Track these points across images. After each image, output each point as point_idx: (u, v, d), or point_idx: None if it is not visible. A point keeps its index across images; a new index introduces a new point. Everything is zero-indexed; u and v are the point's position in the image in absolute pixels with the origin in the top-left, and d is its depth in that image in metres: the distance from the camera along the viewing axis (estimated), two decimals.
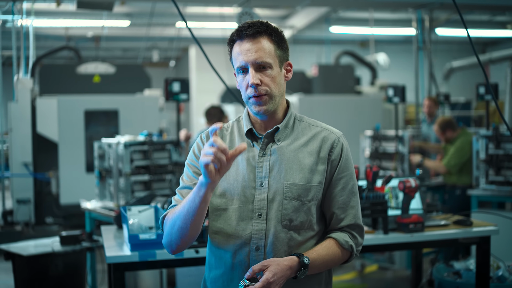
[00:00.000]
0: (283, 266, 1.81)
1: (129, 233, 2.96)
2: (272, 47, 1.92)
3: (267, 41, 1.92)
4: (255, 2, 7.32)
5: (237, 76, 1.97)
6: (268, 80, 1.91)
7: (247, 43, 1.90)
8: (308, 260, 1.85)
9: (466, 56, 12.66)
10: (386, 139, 6.33)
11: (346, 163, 1.98)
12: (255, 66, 1.90)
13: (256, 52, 1.89)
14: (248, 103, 1.94)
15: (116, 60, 13.71)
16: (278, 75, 1.94)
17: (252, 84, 1.88)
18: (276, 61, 1.93)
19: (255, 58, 1.89)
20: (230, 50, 1.97)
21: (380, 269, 6.13)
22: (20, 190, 6.97)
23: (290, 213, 1.91)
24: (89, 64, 7.74)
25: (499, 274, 3.81)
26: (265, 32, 1.92)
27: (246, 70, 1.92)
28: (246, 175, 1.94)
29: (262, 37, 1.91)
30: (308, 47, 13.69)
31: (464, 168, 5.91)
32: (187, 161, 2.05)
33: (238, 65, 1.92)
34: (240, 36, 1.91)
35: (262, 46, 1.90)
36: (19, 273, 4.23)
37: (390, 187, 3.46)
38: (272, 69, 1.92)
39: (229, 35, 1.98)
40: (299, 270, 1.84)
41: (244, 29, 1.91)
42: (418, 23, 9.34)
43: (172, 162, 4.54)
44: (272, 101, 1.92)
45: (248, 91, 1.91)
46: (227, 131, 2.05)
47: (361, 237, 2.01)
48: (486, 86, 5.92)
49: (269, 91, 1.91)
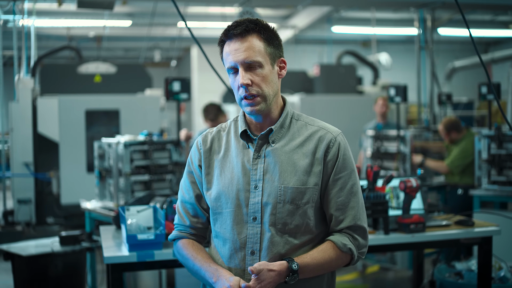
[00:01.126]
0: (270, 272, 1.79)
1: (127, 234, 2.94)
2: (262, 45, 1.87)
3: (256, 39, 1.87)
4: (257, 2, 7.30)
5: (228, 77, 1.94)
6: (259, 79, 1.86)
7: (236, 43, 1.86)
8: (297, 266, 1.81)
9: (469, 56, 12.63)
10: (387, 139, 6.30)
11: (344, 163, 1.92)
12: (245, 66, 1.86)
13: (244, 51, 1.85)
14: (240, 104, 1.91)
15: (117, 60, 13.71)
16: (270, 73, 1.89)
17: (242, 85, 1.85)
18: (267, 59, 1.88)
19: (244, 58, 1.85)
20: (221, 51, 1.94)
21: (382, 270, 6.11)
22: (21, 190, 6.96)
23: (285, 216, 1.87)
24: (90, 64, 7.73)
25: (501, 274, 3.79)
26: (253, 30, 1.87)
27: (236, 70, 1.88)
28: (240, 178, 1.91)
29: (251, 35, 1.87)
30: (310, 47, 13.68)
31: (467, 169, 5.88)
32: (186, 167, 2.07)
33: (228, 66, 1.89)
34: (228, 36, 1.88)
35: (251, 44, 1.86)
36: (19, 274, 4.22)
37: (391, 187, 3.44)
38: (263, 67, 1.87)
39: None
40: (287, 275, 1.81)
41: (231, 29, 1.87)
42: (420, 22, 9.32)
43: (173, 162, 4.52)
44: (264, 102, 1.88)
45: (240, 91, 1.88)
46: (224, 131, 2.03)
47: (364, 238, 1.94)
48: (488, 86, 5.89)
49: (260, 91, 1.86)
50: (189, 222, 2.04)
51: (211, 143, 2.01)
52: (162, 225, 2.99)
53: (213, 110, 5.70)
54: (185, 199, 2.04)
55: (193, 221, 2.03)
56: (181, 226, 2.06)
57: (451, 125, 6.02)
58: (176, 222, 2.08)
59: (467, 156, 5.86)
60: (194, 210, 2.03)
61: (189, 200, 2.03)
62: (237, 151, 1.95)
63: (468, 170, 5.88)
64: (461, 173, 5.91)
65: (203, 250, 2.01)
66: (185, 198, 2.04)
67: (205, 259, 1.95)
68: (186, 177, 2.05)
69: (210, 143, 2.01)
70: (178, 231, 2.06)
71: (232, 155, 1.96)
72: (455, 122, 6.07)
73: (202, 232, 2.07)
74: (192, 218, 2.03)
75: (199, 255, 1.96)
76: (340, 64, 9.31)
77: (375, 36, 11.26)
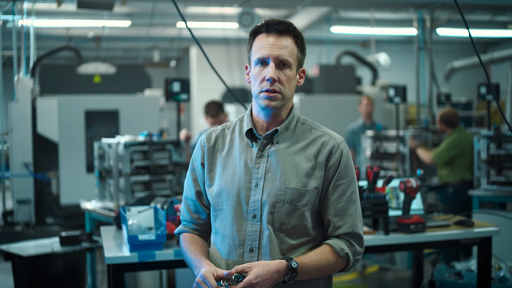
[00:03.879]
0: (269, 269, 1.79)
1: (128, 234, 2.95)
2: (295, 49, 1.93)
3: (292, 42, 1.93)
4: (256, 2, 7.30)
5: (252, 68, 1.95)
6: (285, 79, 1.90)
7: (273, 38, 1.90)
8: (297, 264, 1.82)
9: (467, 56, 12.64)
10: (387, 139, 6.31)
11: (345, 170, 1.94)
12: (277, 62, 1.90)
13: (281, 48, 1.89)
14: (257, 97, 1.93)
15: (116, 60, 13.70)
16: (293, 77, 1.94)
17: (270, 78, 1.87)
18: (295, 63, 1.94)
19: (278, 54, 1.89)
20: (251, 41, 1.96)
21: (381, 270, 6.12)
22: (21, 191, 6.96)
23: (283, 216, 1.89)
24: (90, 64, 7.72)
25: (501, 275, 3.80)
26: (293, 32, 1.93)
27: (265, 63, 1.91)
28: (242, 176, 1.93)
29: (289, 36, 1.92)
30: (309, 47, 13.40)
31: (454, 165, 5.89)
32: (189, 165, 2.11)
33: (259, 56, 1.91)
34: (268, 29, 1.91)
35: (287, 44, 1.91)
36: (19, 274, 4.22)
37: (391, 188, 3.44)
38: (291, 69, 1.92)
39: (229, 35, 1.97)
40: (287, 274, 1.82)
41: (274, 23, 1.91)
42: (419, 23, 9.32)
43: (172, 163, 4.53)
44: (281, 100, 1.91)
45: (263, 84, 1.90)
46: (229, 130, 2.06)
47: (360, 246, 1.96)
48: (487, 86, 5.90)
49: (282, 90, 1.90)
50: (190, 218, 2.11)
51: (215, 141, 2.04)
52: (163, 225, 3.00)
53: (215, 106, 5.69)
54: (188, 195, 2.11)
55: (194, 217, 2.10)
56: (185, 221, 2.13)
57: (446, 118, 6.06)
58: (181, 218, 2.16)
59: (452, 148, 5.85)
60: (195, 206, 2.09)
61: (190, 197, 2.09)
62: (241, 149, 1.98)
63: (455, 167, 5.88)
64: (450, 170, 5.89)
65: (199, 243, 2.05)
66: (188, 195, 2.11)
67: (196, 251, 1.99)
68: (189, 174, 2.10)
69: (214, 140, 2.05)
70: (182, 226, 2.14)
71: (235, 153, 1.98)
72: (450, 116, 6.06)
73: (206, 228, 2.11)
74: (193, 215, 2.10)
75: (192, 247, 2.01)
76: (339, 65, 9.32)
77: (374, 37, 11.26)
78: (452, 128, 6.02)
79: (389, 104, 7.21)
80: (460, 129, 6.05)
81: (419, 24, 9.34)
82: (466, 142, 5.87)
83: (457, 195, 5.77)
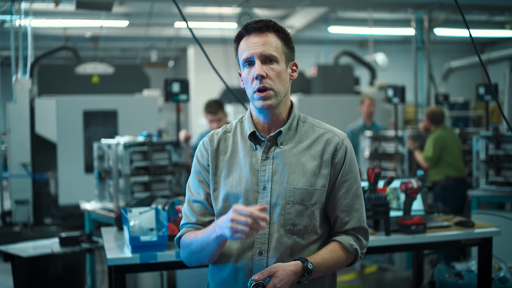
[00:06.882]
0: (288, 272, 1.80)
1: (130, 235, 2.95)
2: (279, 43, 1.93)
3: (274, 36, 1.92)
4: (254, 2, 7.31)
5: (242, 71, 1.96)
6: (274, 74, 1.90)
7: (255, 37, 1.91)
8: (312, 266, 1.83)
9: (465, 56, 12.67)
10: (385, 139, 6.32)
11: (350, 165, 1.96)
12: (262, 58, 1.89)
13: (263, 45, 1.89)
14: (252, 99, 1.93)
15: (114, 60, 13.69)
16: (283, 71, 1.93)
17: (257, 76, 1.87)
18: (282, 57, 1.93)
19: (261, 51, 1.89)
20: (237, 47, 1.97)
21: (380, 270, 6.12)
22: (19, 191, 6.94)
23: (293, 217, 1.89)
24: (88, 64, 7.71)
25: (501, 275, 3.80)
26: (273, 28, 1.93)
27: (252, 63, 1.91)
28: (249, 179, 1.92)
29: (270, 32, 1.92)
30: (307, 47, 13.67)
31: (439, 162, 6.04)
32: (192, 168, 2.06)
33: (244, 57, 1.91)
34: (248, 30, 1.92)
35: (269, 40, 1.91)
36: (19, 275, 4.21)
37: (392, 188, 3.45)
38: (278, 63, 1.91)
39: (228, 35, 1.98)
40: (302, 275, 1.83)
41: (252, 23, 1.92)
42: (417, 23, 9.33)
43: (172, 163, 4.52)
44: (275, 97, 1.90)
45: (253, 84, 1.90)
46: (230, 133, 2.04)
47: (366, 239, 2.00)
48: (486, 86, 5.92)
49: (273, 85, 1.89)
50: (195, 219, 1.99)
51: (218, 144, 2.01)
52: (164, 226, 3.00)
53: (214, 104, 5.67)
54: (194, 198, 2.01)
55: (199, 219, 1.99)
56: (187, 224, 2.01)
57: (431, 115, 6.27)
58: (182, 223, 2.04)
59: (437, 147, 6.01)
60: (203, 208, 1.99)
61: (198, 199, 1.99)
62: (245, 152, 1.96)
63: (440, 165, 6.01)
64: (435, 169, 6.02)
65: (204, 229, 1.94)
66: (194, 198, 2.01)
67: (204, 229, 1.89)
68: (194, 176, 2.03)
69: (217, 143, 2.02)
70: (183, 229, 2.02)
71: (239, 156, 1.97)
72: (436, 114, 6.26)
73: None
74: (199, 217, 1.99)
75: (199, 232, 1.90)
76: (337, 65, 9.32)
77: (372, 37, 11.27)
78: (436, 125, 6.21)
79: (387, 104, 7.22)
80: (443, 126, 6.24)
81: (417, 24, 9.35)
82: (449, 138, 6.06)
83: (445, 194, 5.89)
